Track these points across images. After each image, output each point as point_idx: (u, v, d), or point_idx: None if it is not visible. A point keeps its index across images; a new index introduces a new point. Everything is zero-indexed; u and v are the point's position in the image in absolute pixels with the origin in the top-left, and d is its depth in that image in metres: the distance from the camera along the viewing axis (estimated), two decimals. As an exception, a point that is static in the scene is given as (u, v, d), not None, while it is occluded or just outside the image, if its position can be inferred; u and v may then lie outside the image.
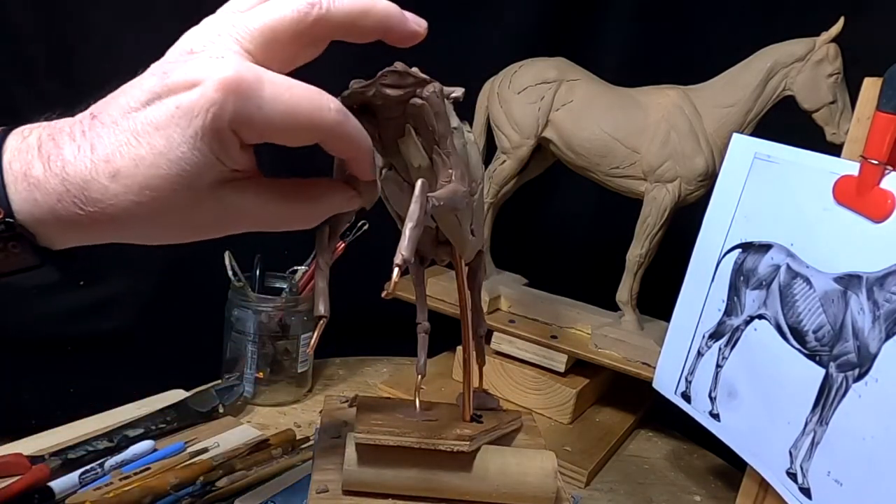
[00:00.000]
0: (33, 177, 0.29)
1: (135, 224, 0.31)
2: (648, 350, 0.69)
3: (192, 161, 0.29)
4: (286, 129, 0.30)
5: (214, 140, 0.29)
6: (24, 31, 0.66)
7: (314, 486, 0.43)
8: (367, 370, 0.85)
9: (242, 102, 0.29)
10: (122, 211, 0.30)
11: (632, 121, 0.70)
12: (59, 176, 0.29)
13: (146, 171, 0.29)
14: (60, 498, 0.52)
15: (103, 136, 0.29)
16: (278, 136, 0.31)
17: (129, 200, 0.29)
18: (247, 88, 0.29)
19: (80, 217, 0.30)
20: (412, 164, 0.38)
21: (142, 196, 0.29)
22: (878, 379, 0.43)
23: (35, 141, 0.30)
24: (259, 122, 0.29)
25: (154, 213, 0.30)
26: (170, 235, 0.33)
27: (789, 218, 0.52)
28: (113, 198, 0.29)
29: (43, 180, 0.29)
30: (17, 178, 0.29)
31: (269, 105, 0.29)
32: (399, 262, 0.33)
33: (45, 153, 0.29)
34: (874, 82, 0.47)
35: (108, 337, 0.76)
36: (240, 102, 0.29)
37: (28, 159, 0.29)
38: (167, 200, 0.30)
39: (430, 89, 0.35)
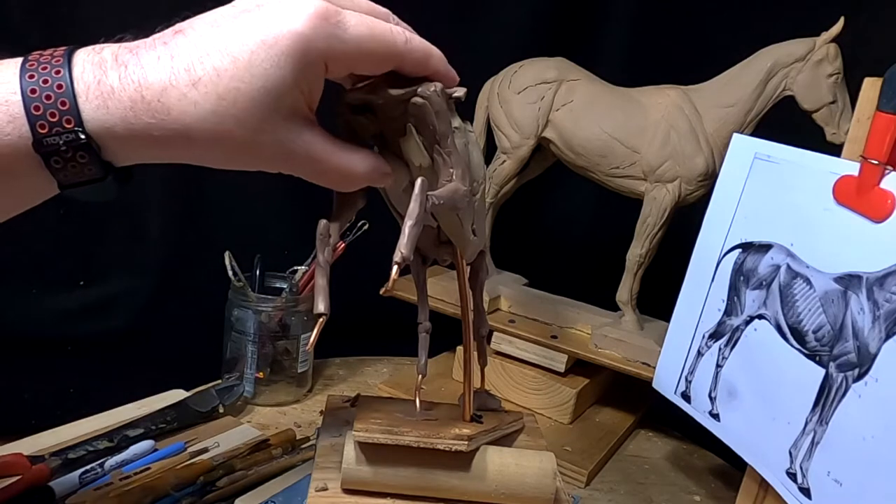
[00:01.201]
0: (107, 85, 0.30)
1: (202, 139, 0.31)
2: (648, 350, 0.69)
3: (275, 80, 0.31)
4: (368, 54, 0.33)
5: (302, 64, 0.31)
6: (24, 30, 0.67)
7: (314, 485, 0.43)
8: (367, 370, 0.85)
9: (332, 30, 0.31)
10: (196, 121, 0.30)
11: (632, 121, 0.70)
12: (136, 83, 0.30)
13: (227, 82, 0.30)
14: (60, 498, 0.52)
15: (185, 47, 0.30)
16: (361, 63, 0.33)
17: (204, 110, 0.30)
18: (335, 18, 0.31)
19: (151, 126, 0.30)
20: (413, 164, 0.38)
21: (218, 106, 0.30)
22: (878, 379, 0.43)
23: (110, 54, 0.31)
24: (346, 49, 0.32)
25: (224, 127, 0.31)
26: (230, 159, 0.33)
27: (789, 218, 0.52)
28: (190, 105, 0.30)
29: (118, 88, 0.30)
30: (88, 88, 0.30)
31: (352, 32, 0.32)
32: (398, 259, 0.33)
33: (121, 62, 0.30)
34: (874, 82, 0.47)
35: (107, 337, 0.76)
36: (330, 30, 0.31)
37: (102, 70, 0.30)
38: (240, 116, 0.31)
39: (431, 88, 0.36)
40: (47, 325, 0.74)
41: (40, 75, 0.30)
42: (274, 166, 0.34)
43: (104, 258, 0.78)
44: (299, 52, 0.31)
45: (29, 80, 0.30)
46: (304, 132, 0.33)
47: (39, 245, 0.75)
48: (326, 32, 0.31)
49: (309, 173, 0.35)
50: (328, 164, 0.35)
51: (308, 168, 0.35)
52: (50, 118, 0.29)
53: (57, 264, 0.74)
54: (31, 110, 0.29)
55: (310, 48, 0.31)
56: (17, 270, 0.73)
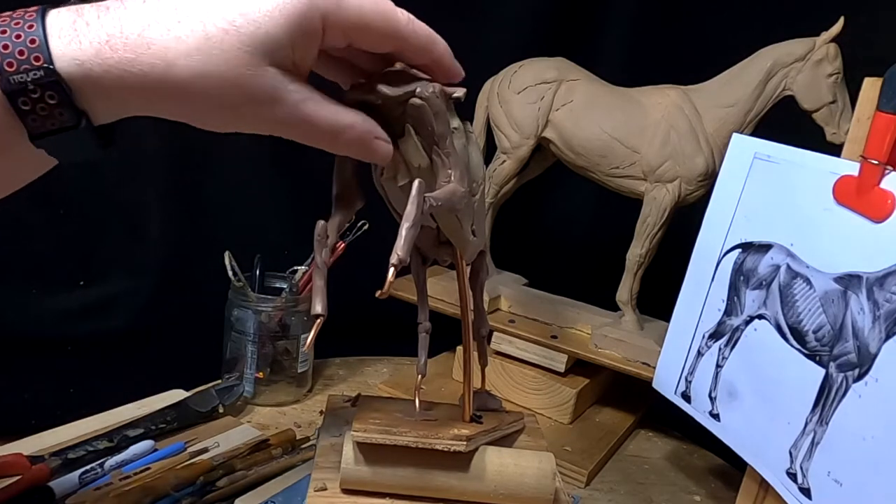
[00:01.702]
0: (83, 22, 0.29)
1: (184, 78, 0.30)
2: (648, 350, 0.69)
3: (267, 30, 0.30)
4: (368, 25, 0.32)
5: (299, 20, 0.30)
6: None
7: (313, 485, 0.43)
8: (367, 370, 0.85)
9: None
10: (179, 56, 0.29)
11: (632, 121, 0.70)
12: (116, 20, 0.29)
13: (216, 22, 0.29)
14: (60, 498, 0.52)
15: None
16: (360, 33, 0.32)
17: (188, 46, 0.29)
18: None
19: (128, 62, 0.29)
20: (412, 164, 0.38)
21: (204, 44, 0.29)
22: (878, 379, 0.43)
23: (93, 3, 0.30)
24: (347, 15, 0.31)
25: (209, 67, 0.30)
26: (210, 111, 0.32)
27: (789, 218, 0.52)
28: (173, 40, 0.29)
29: (94, 24, 0.29)
30: (62, 28, 0.29)
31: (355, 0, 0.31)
32: (395, 261, 0.33)
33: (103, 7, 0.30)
34: (874, 82, 0.47)
35: (108, 337, 0.76)
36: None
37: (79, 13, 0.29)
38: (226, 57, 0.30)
39: (430, 89, 0.36)
40: (47, 325, 0.74)
41: (12, 19, 0.29)
42: (260, 121, 0.33)
43: (104, 258, 0.78)
44: (299, 7, 0.30)
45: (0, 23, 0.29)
46: (293, 84, 0.32)
47: (39, 245, 0.75)
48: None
49: (296, 129, 0.34)
50: (316, 117, 0.33)
51: (295, 121, 0.33)
52: (18, 56, 0.28)
53: (57, 264, 0.74)
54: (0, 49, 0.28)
55: (310, 6, 0.30)
56: (17, 270, 0.73)
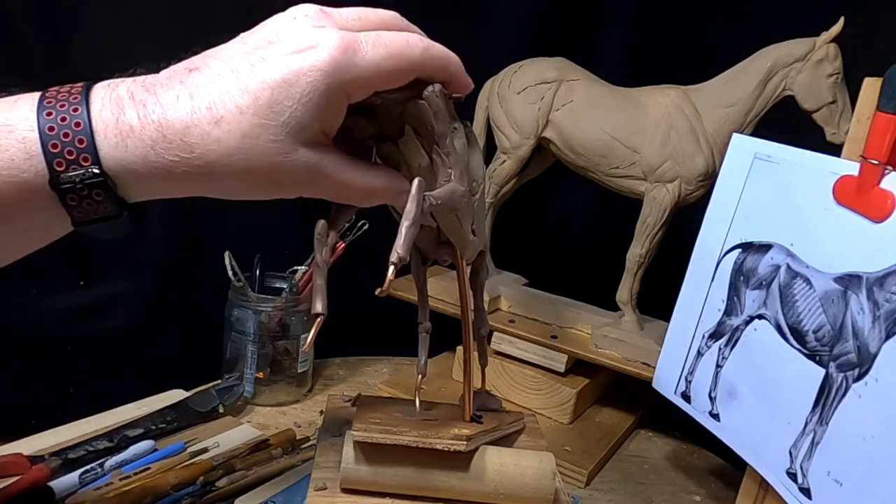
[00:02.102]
0: (125, 124, 0.30)
1: (226, 174, 0.31)
2: (648, 350, 0.69)
3: (297, 116, 0.31)
4: (388, 74, 0.33)
5: (324, 99, 0.31)
6: (25, 30, 0.67)
7: (313, 484, 0.43)
8: (367, 370, 0.85)
9: (351, 60, 0.31)
10: (220, 157, 0.31)
11: (632, 121, 0.70)
12: (157, 122, 0.30)
13: (251, 119, 0.31)
14: (60, 498, 0.52)
15: (204, 85, 0.31)
16: (382, 83, 0.33)
17: (229, 147, 0.31)
18: (353, 46, 0.32)
19: (173, 164, 0.30)
20: (412, 164, 0.38)
21: (242, 143, 0.31)
22: (878, 379, 0.43)
23: (125, 91, 0.31)
24: (367, 75, 0.32)
25: (248, 163, 0.31)
26: (251, 191, 0.34)
27: (789, 218, 0.52)
28: (214, 143, 0.30)
29: (137, 127, 0.30)
30: (107, 127, 0.30)
31: (370, 57, 0.32)
32: (394, 260, 0.33)
33: (138, 101, 0.30)
34: (874, 82, 0.47)
35: (108, 337, 0.76)
36: (349, 60, 0.31)
37: (120, 108, 0.30)
38: (264, 151, 0.31)
39: (430, 89, 0.36)
40: (47, 325, 0.74)
41: (58, 112, 0.30)
42: (296, 193, 0.35)
43: (104, 258, 0.78)
44: (321, 87, 0.31)
45: (47, 118, 0.29)
46: (325, 157, 0.34)
47: (39, 245, 0.75)
48: (347, 64, 0.31)
49: (331, 195, 0.36)
50: (350, 185, 0.35)
51: (331, 190, 0.36)
52: (67, 156, 0.29)
53: (57, 264, 0.74)
54: (49, 148, 0.29)
55: (332, 83, 0.31)
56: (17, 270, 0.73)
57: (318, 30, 0.32)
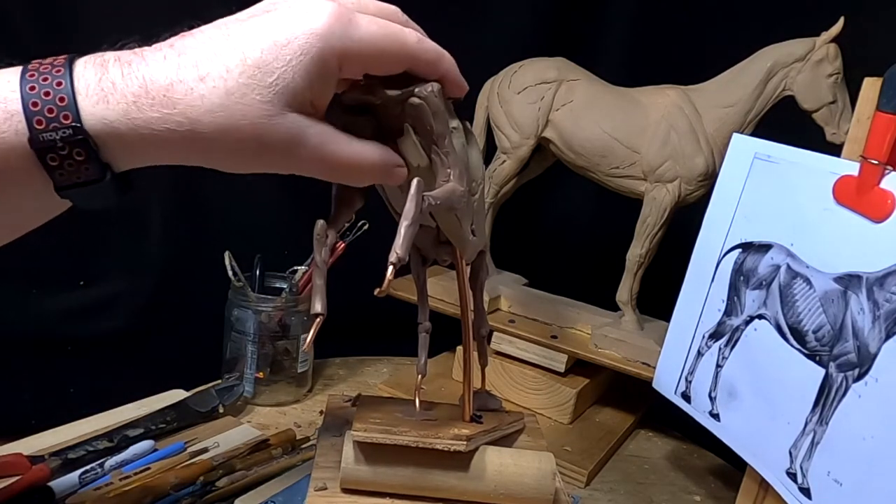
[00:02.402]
0: (108, 81, 0.30)
1: (208, 134, 0.31)
2: (648, 350, 0.69)
3: (287, 79, 0.31)
4: (381, 53, 0.33)
5: (316, 64, 0.31)
6: (24, 30, 0.67)
7: (313, 484, 0.43)
8: (367, 370, 0.85)
9: (346, 30, 0.31)
10: (203, 114, 0.30)
11: (632, 121, 0.70)
12: (140, 79, 0.30)
13: (237, 78, 0.30)
14: (60, 498, 0.52)
15: (193, 46, 0.31)
16: (375, 62, 0.33)
17: (212, 103, 0.30)
18: (347, 17, 0.31)
19: (155, 120, 0.30)
20: (411, 164, 0.38)
21: (227, 100, 0.30)
22: (878, 379, 0.43)
23: (112, 56, 0.31)
24: (360, 48, 0.32)
25: (232, 121, 0.31)
26: (236, 156, 0.33)
27: (789, 218, 0.52)
28: (197, 99, 0.30)
29: (120, 84, 0.30)
30: (89, 86, 0.30)
31: (364, 31, 0.32)
32: (394, 260, 0.33)
33: (125, 61, 0.30)
34: (874, 82, 0.47)
35: (108, 337, 0.76)
36: (343, 30, 0.31)
37: (104, 68, 0.30)
38: (248, 111, 0.31)
39: (429, 89, 0.36)
40: (47, 325, 0.74)
41: (40, 74, 0.30)
42: (282, 164, 0.34)
43: (104, 258, 0.78)
44: (314, 51, 0.31)
45: (29, 79, 0.30)
46: (313, 126, 0.33)
47: (39, 245, 0.75)
48: (340, 32, 0.31)
49: (318, 168, 0.35)
50: (338, 157, 0.34)
51: (317, 162, 0.34)
52: (47, 114, 0.29)
53: (57, 264, 0.74)
54: (29, 106, 0.29)
55: (325, 48, 0.31)
56: (17, 270, 0.73)
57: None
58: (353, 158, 0.35)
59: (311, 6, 0.32)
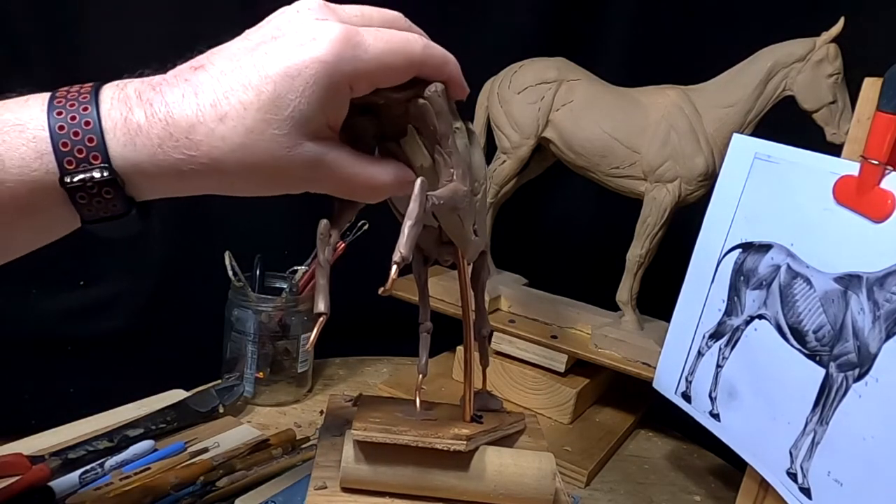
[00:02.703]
0: (133, 123, 0.30)
1: (232, 170, 0.32)
2: (648, 350, 0.69)
3: (301, 109, 0.31)
4: (390, 68, 0.33)
5: (327, 91, 0.31)
6: (24, 30, 0.67)
7: (313, 483, 0.43)
8: (367, 370, 0.85)
9: (353, 52, 0.31)
10: (225, 154, 0.31)
11: (632, 121, 0.70)
12: (164, 121, 0.30)
13: (254, 114, 0.31)
14: (60, 498, 0.52)
15: (208, 83, 0.31)
16: (384, 78, 0.33)
17: (233, 143, 0.31)
18: (355, 39, 0.32)
19: (180, 162, 0.31)
20: (414, 164, 0.38)
21: (247, 139, 0.31)
22: (879, 379, 0.43)
23: (133, 91, 0.31)
24: (369, 68, 0.32)
25: (254, 158, 0.31)
26: (258, 187, 0.34)
27: (789, 218, 0.52)
28: (219, 140, 0.31)
29: (145, 126, 0.30)
30: (115, 126, 0.30)
31: (372, 50, 0.32)
32: (397, 259, 0.33)
33: (145, 100, 0.31)
34: (874, 82, 0.47)
35: (108, 337, 0.76)
36: (351, 52, 0.31)
37: (128, 107, 0.31)
38: (269, 146, 0.31)
39: (432, 89, 0.36)
40: (47, 325, 0.74)
41: (68, 112, 0.30)
42: (302, 188, 0.35)
43: (104, 258, 0.78)
44: (324, 79, 0.31)
45: (57, 117, 0.30)
46: (331, 151, 0.34)
47: (39, 245, 0.75)
48: (349, 56, 0.31)
49: (338, 190, 0.36)
50: (357, 180, 0.35)
51: (337, 185, 0.36)
52: (77, 154, 0.29)
53: (57, 264, 0.74)
54: (59, 147, 0.29)
55: (334, 74, 0.31)
56: (17, 270, 0.73)
57: (320, 23, 0.32)
58: (370, 181, 0.36)
59: (317, 31, 0.31)
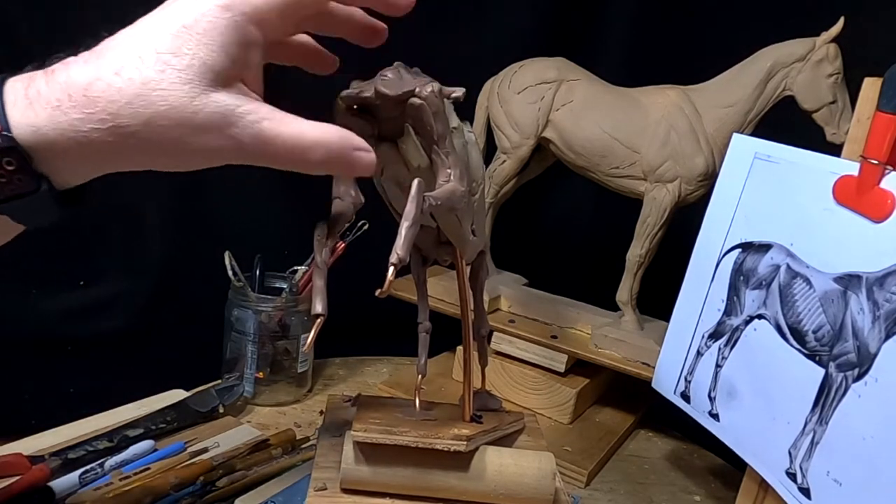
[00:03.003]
0: (34, 89, 0.30)
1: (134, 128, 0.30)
2: (648, 350, 0.69)
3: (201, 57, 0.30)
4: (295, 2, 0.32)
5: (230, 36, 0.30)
6: (25, 30, 0.67)
7: (313, 484, 0.43)
8: (367, 370, 0.85)
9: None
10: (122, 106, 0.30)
11: (632, 121, 0.70)
12: (62, 83, 0.30)
13: (152, 65, 0.30)
14: (60, 498, 0.52)
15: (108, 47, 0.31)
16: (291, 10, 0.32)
17: (130, 93, 0.29)
18: None
19: (79, 122, 0.30)
20: (412, 164, 0.38)
21: (144, 88, 0.29)
22: (878, 379, 0.43)
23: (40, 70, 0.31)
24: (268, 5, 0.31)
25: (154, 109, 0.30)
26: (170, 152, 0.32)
27: (789, 218, 0.52)
28: (116, 93, 0.29)
29: (44, 90, 0.30)
30: (17, 96, 0.30)
31: None
32: (394, 260, 0.33)
33: (49, 71, 0.30)
34: (874, 82, 0.47)
35: (108, 337, 0.76)
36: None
37: (31, 79, 0.30)
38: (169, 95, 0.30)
39: (429, 89, 0.36)
40: (47, 325, 0.74)
41: None
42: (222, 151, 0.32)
43: (104, 258, 0.78)
44: (222, 24, 0.30)
45: None
46: (245, 103, 0.31)
47: (39, 245, 0.75)
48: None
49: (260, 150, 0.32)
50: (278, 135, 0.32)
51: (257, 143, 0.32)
52: None
53: (57, 264, 0.74)
54: None
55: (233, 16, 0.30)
56: (17, 270, 0.73)
57: None
58: (295, 139, 0.32)
59: None
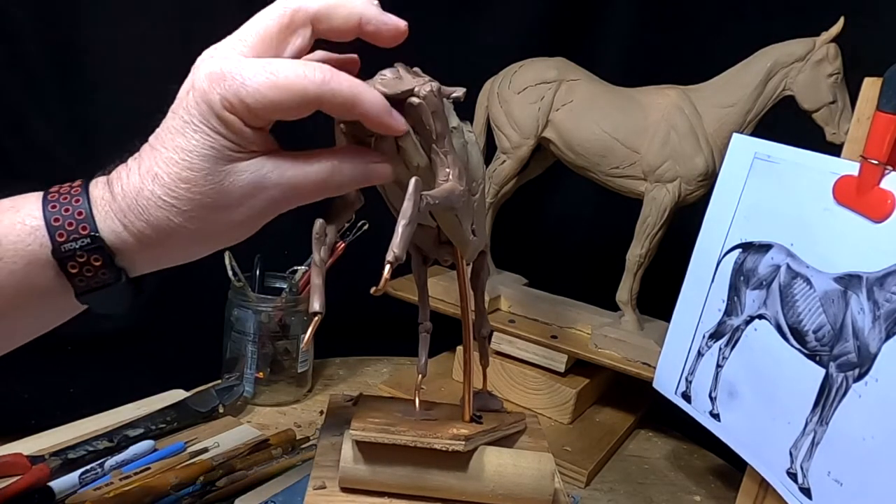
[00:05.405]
0: (110, 196, 0.35)
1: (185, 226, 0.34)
2: (648, 350, 0.69)
3: (209, 145, 0.33)
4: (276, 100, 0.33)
5: (216, 123, 0.33)
6: (24, 30, 0.67)
7: (312, 483, 0.43)
8: (367, 370, 0.85)
9: (226, 84, 0.32)
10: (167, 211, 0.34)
11: (632, 121, 0.70)
12: (120, 194, 0.34)
13: (178, 166, 0.33)
14: (60, 498, 0.52)
15: (147, 155, 0.35)
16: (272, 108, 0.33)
17: (170, 197, 0.34)
18: (228, 73, 0.33)
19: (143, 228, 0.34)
20: (411, 164, 0.38)
21: (178, 189, 0.33)
22: (878, 379, 0.43)
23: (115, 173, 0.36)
24: (247, 98, 0.32)
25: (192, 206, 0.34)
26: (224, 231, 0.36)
27: (789, 218, 0.52)
28: (158, 200, 0.34)
29: (111, 200, 0.34)
30: (97, 203, 0.34)
31: (252, 82, 0.32)
32: (391, 259, 0.33)
33: (111, 181, 0.35)
34: (874, 82, 0.47)
35: (108, 337, 0.76)
36: (224, 85, 0.32)
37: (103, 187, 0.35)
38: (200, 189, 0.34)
39: (427, 88, 0.36)
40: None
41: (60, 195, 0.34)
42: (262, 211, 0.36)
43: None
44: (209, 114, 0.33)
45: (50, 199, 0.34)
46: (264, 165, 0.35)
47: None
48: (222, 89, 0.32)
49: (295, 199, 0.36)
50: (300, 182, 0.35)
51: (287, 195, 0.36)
52: (67, 227, 0.34)
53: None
54: (51, 223, 0.34)
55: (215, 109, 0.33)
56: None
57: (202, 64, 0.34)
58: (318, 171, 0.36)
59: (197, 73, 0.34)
